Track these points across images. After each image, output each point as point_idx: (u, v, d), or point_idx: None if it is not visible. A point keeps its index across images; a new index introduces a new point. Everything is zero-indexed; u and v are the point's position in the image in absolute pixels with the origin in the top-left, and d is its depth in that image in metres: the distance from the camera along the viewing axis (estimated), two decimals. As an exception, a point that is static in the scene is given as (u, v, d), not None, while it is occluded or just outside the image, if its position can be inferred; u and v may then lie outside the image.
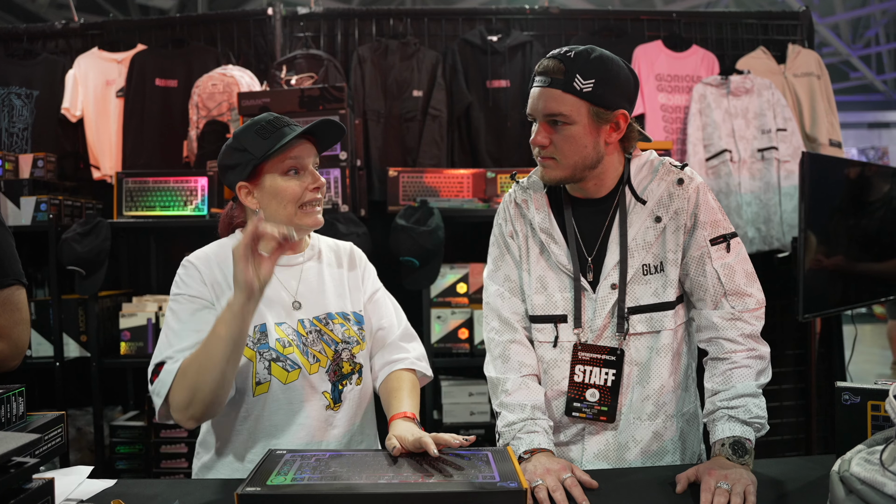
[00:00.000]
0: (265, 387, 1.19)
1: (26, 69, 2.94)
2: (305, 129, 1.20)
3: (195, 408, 1.09)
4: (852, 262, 2.59)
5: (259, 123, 1.22)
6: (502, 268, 1.31)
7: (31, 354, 2.55)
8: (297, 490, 0.92)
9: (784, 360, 3.00)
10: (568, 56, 1.14)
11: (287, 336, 1.21)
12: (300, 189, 1.20)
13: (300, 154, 1.21)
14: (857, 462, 0.89)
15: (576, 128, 1.15)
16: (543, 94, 1.15)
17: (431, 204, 2.47)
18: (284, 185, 1.20)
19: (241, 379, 1.19)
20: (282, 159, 1.20)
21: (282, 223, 1.19)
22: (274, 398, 1.20)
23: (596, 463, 1.24)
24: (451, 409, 2.53)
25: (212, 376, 1.06)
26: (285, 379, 1.20)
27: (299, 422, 1.21)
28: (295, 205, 1.20)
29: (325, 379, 1.23)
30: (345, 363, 1.25)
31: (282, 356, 1.20)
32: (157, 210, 2.57)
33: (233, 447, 1.22)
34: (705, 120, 2.85)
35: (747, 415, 1.13)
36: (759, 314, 1.21)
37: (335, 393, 1.24)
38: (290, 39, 2.93)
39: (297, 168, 1.21)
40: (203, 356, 1.07)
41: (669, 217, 1.21)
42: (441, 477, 0.96)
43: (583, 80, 1.12)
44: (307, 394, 1.21)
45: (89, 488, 1.12)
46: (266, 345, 1.19)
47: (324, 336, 1.24)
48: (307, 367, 1.21)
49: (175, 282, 1.22)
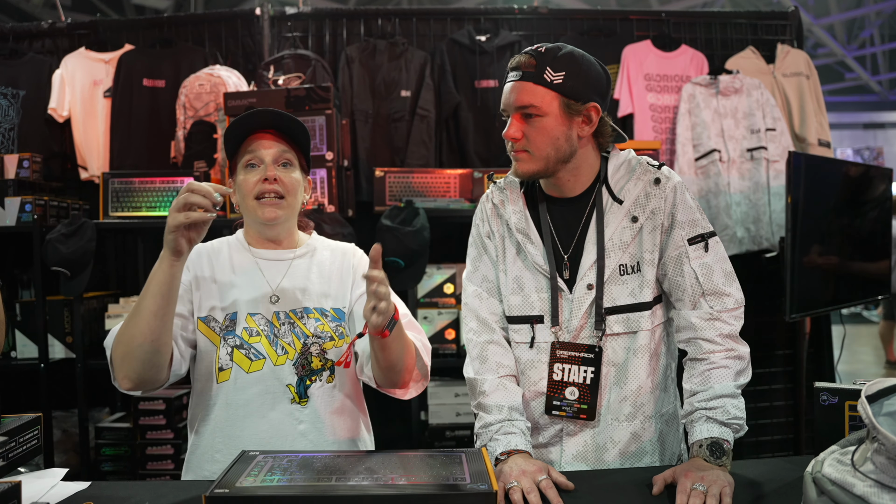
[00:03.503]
0: (227, 374, 1.21)
1: (12, 69, 2.93)
2: (240, 116, 1.24)
3: (129, 365, 1.12)
4: (840, 262, 2.60)
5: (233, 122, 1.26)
6: (480, 268, 1.30)
7: (17, 356, 2.54)
8: (265, 492, 0.91)
9: (773, 360, 3.00)
10: (539, 51, 1.16)
11: (257, 326, 1.23)
12: (253, 182, 1.24)
13: (255, 147, 1.24)
14: (829, 463, 0.89)
15: (547, 119, 1.16)
16: (515, 88, 1.17)
17: (418, 204, 2.46)
18: (242, 179, 1.25)
19: (206, 364, 1.23)
20: (242, 153, 1.26)
21: (248, 216, 1.28)
22: (238, 387, 1.21)
23: (575, 464, 1.23)
24: (437, 409, 2.52)
25: (140, 330, 1.10)
26: (248, 368, 1.21)
27: (262, 413, 1.21)
28: (251, 198, 1.24)
29: (292, 372, 1.22)
30: (314, 358, 1.24)
31: (246, 344, 1.21)
32: (143, 210, 2.56)
33: (203, 436, 1.25)
34: (694, 120, 2.84)
35: (725, 416, 1.12)
36: (737, 314, 1.20)
37: (300, 387, 1.23)
38: (279, 39, 2.92)
39: (254, 161, 1.25)
40: (135, 311, 1.12)
41: (646, 217, 1.21)
42: (412, 478, 0.95)
43: (553, 72, 1.14)
44: (272, 385, 1.21)
45: (61, 491, 1.11)
46: (232, 332, 1.22)
47: (295, 328, 1.24)
48: (273, 357, 1.21)
49: None
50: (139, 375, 1.14)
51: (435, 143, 2.84)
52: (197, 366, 1.26)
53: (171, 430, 2.48)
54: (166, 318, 1.12)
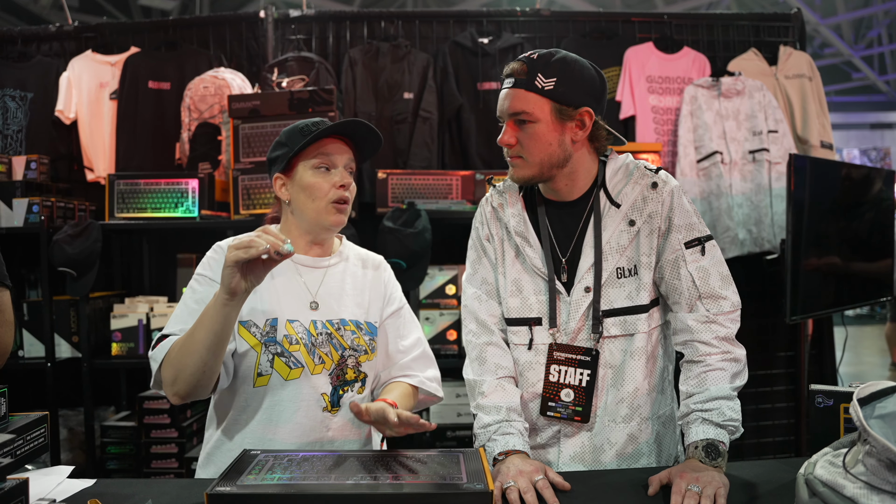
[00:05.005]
0: (265, 379, 1.22)
1: (20, 71, 2.96)
2: (335, 124, 1.24)
3: (179, 386, 1.14)
4: (842, 264, 2.59)
5: (304, 123, 1.27)
6: (479, 271, 1.32)
7: (24, 355, 2.57)
8: (266, 490, 0.93)
9: (775, 362, 3.00)
10: (531, 58, 1.18)
11: (296, 334, 1.23)
12: (327, 185, 1.24)
13: (331, 151, 1.25)
14: (821, 465, 0.90)
15: (539, 126, 1.17)
16: (508, 95, 1.19)
17: (420, 206, 2.48)
18: (312, 181, 1.24)
19: (245, 367, 1.22)
20: (313, 154, 1.24)
21: (308, 217, 1.26)
22: (273, 392, 1.22)
23: (572, 465, 1.24)
24: (438, 410, 2.54)
25: (193, 361, 1.11)
26: (287, 375, 1.22)
27: (295, 420, 1.22)
28: (324, 201, 1.24)
29: (327, 382, 1.24)
30: (349, 370, 1.26)
31: (286, 352, 1.22)
32: (148, 211, 2.58)
33: (230, 436, 1.24)
34: (696, 122, 2.85)
35: (721, 417, 1.13)
36: (734, 317, 1.21)
37: (334, 396, 1.25)
38: (282, 42, 2.94)
39: (327, 164, 1.25)
40: (188, 341, 1.12)
41: (643, 220, 1.22)
42: (409, 478, 0.97)
43: (544, 78, 1.16)
44: (306, 393, 1.23)
45: (67, 488, 1.13)
46: (273, 338, 1.22)
47: (333, 340, 1.26)
48: (311, 366, 1.23)
49: (202, 262, 1.28)
50: (188, 394, 1.16)
51: (437, 145, 2.85)
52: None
53: (175, 429, 2.50)
54: (219, 352, 1.13)
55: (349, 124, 1.26)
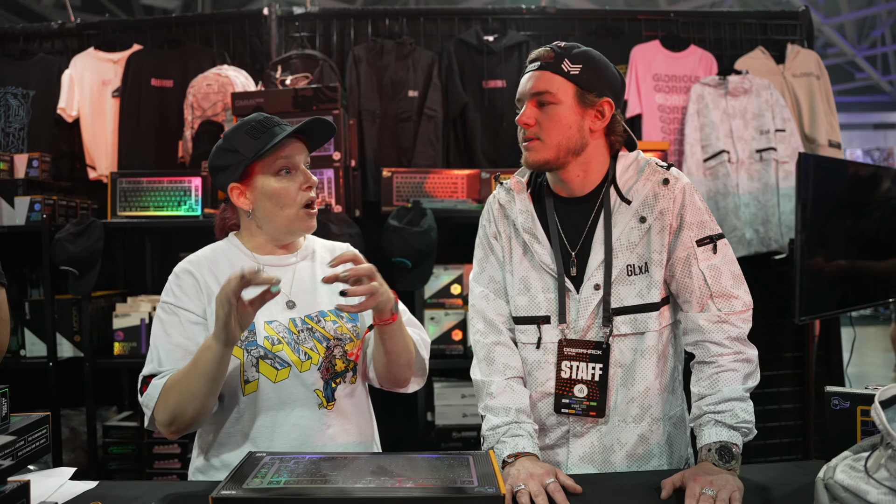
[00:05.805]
0: (254, 385, 1.19)
1: (22, 69, 2.94)
2: (295, 128, 1.20)
3: (177, 425, 1.14)
4: (850, 264, 2.57)
5: (249, 123, 1.22)
6: (487, 269, 1.30)
7: (25, 354, 2.56)
8: (271, 493, 0.91)
9: (782, 363, 2.97)
10: (558, 45, 1.21)
11: (277, 334, 1.20)
12: (294, 189, 1.20)
13: (291, 153, 1.21)
14: (841, 469, 0.88)
15: (561, 108, 1.17)
16: (533, 76, 1.20)
17: (425, 205, 2.46)
18: (278, 186, 1.20)
19: (231, 379, 1.18)
20: (273, 159, 1.20)
21: (278, 226, 1.23)
22: (265, 397, 1.19)
23: (581, 466, 1.22)
24: (444, 410, 2.52)
25: (192, 405, 1.12)
26: (275, 377, 1.19)
27: (292, 422, 1.19)
28: (294, 208, 1.21)
29: (318, 377, 1.21)
30: (337, 360, 1.23)
31: (270, 353, 1.19)
32: (150, 210, 2.57)
33: (226, 449, 1.21)
34: (703, 120, 2.83)
35: (734, 419, 1.11)
36: (745, 317, 1.19)
37: (328, 391, 1.22)
38: (286, 40, 2.93)
39: (289, 167, 1.21)
40: (184, 386, 1.11)
41: (654, 217, 1.20)
42: (418, 481, 0.95)
43: (571, 64, 1.18)
44: (299, 392, 1.20)
45: (70, 490, 1.11)
46: (254, 342, 1.19)
47: (315, 333, 1.23)
48: (298, 364, 1.20)
49: (165, 289, 1.24)
50: (188, 430, 1.17)
51: (442, 144, 2.83)
52: None
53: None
54: (217, 391, 1.13)
55: (312, 123, 1.21)
